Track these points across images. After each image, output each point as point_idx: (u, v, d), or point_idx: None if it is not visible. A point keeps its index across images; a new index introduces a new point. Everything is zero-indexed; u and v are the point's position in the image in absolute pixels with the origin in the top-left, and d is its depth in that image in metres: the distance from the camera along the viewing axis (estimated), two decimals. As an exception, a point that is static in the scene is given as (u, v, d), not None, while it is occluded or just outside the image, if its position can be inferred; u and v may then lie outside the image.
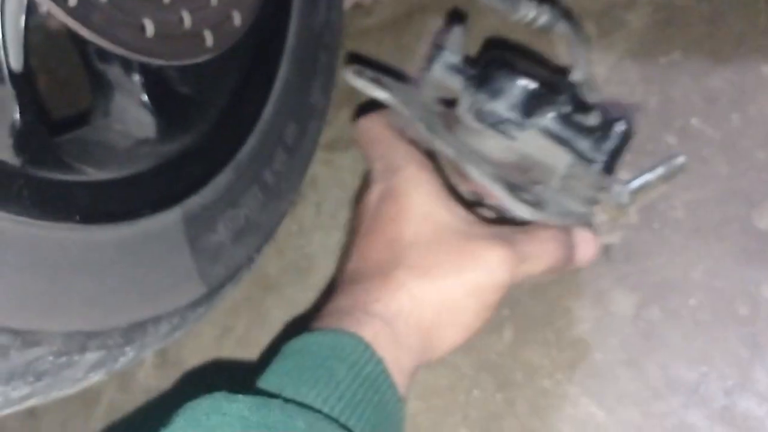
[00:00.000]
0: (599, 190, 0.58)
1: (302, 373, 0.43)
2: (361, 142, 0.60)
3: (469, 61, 0.60)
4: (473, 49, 0.75)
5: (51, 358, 0.42)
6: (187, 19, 0.48)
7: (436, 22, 0.86)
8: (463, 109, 0.58)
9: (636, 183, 0.66)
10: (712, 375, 0.58)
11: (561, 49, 0.74)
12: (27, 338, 0.40)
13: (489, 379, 0.62)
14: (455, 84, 0.60)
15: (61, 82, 0.81)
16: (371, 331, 0.46)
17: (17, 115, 0.43)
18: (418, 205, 0.52)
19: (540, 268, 0.52)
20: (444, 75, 0.60)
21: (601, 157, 0.57)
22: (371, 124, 0.60)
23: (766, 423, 0.55)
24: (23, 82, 0.44)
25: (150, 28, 0.45)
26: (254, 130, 0.61)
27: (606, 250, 0.65)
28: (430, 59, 0.60)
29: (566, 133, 0.56)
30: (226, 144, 0.59)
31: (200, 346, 0.70)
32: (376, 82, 0.57)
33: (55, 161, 0.46)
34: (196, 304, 0.54)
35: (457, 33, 0.60)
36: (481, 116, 0.57)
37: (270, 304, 0.71)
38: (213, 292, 0.56)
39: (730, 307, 0.60)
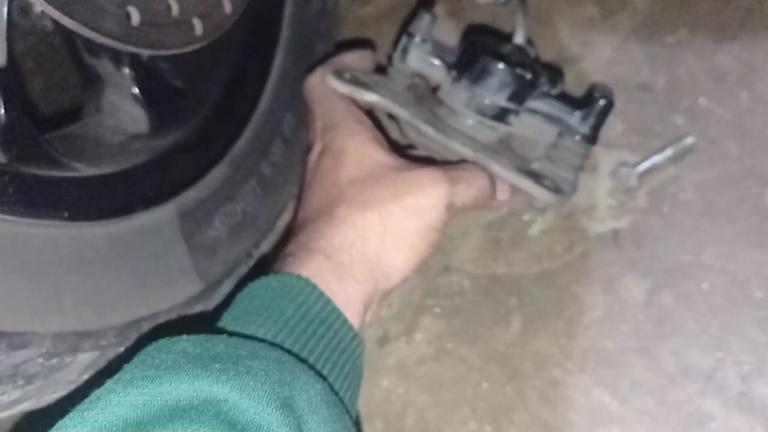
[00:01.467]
0: (584, 158, 0.61)
1: (251, 315, 0.45)
2: (307, 102, 0.61)
3: (442, 47, 0.63)
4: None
5: (41, 360, 0.40)
6: (175, 7, 0.46)
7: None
8: (460, 105, 0.60)
9: (644, 165, 0.65)
10: (728, 361, 0.56)
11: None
12: (14, 340, 0.38)
13: (497, 370, 0.60)
14: (433, 72, 0.63)
15: (57, 84, 0.80)
16: (314, 267, 0.48)
17: (1, 111, 0.42)
18: (353, 151, 0.54)
19: (471, 193, 0.54)
20: (421, 63, 0.63)
21: (584, 129, 0.60)
22: (315, 82, 0.60)
23: (786, 408, 0.54)
24: (8, 78, 0.43)
25: (136, 16, 0.43)
26: (250, 122, 0.60)
27: (615, 236, 0.63)
28: (404, 48, 0.63)
29: (555, 111, 0.60)
30: (221, 137, 0.58)
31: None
32: (358, 84, 0.59)
33: (43, 157, 0.45)
34: (193, 302, 0.53)
35: (426, 20, 0.62)
36: (483, 110, 0.59)
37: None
38: (210, 288, 0.54)
39: (745, 290, 0.58)
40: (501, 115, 0.60)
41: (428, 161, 0.59)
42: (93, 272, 0.44)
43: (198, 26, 0.48)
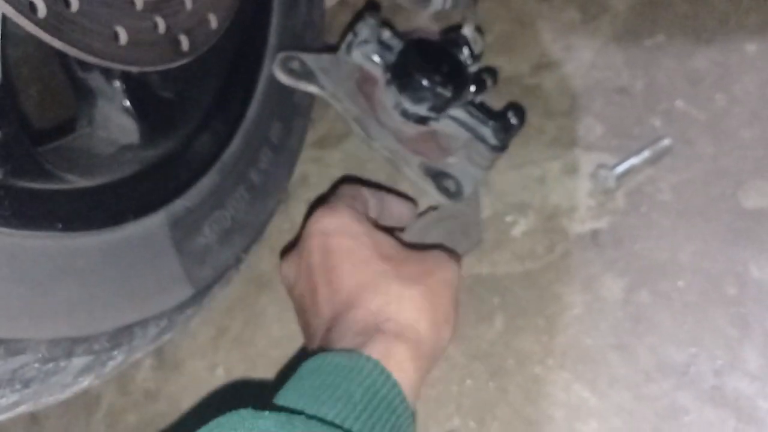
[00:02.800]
0: (492, 161, 0.67)
1: (320, 392, 0.44)
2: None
3: (384, 45, 0.69)
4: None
5: (37, 365, 0.42)
6: (162, 25, 0.48)
7: (421, 18, 0.86)
8: (389, 104, 0.66)
9: (622, 167, 0.66)
10: (701, 356, 0.58)
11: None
12: (11, 346, 0.40)
13: (481, 368, 0.62)
14: (372, 68, 0.69)
15: (52, 92, 0.82)
16: (385, 350, 0.47)
17: (-2, 128, 0.44)
18: (367, 234, 0.55)
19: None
20: (363, 59, 0.69)
21: (493, 141, 0.65)
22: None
23: (757, 401, 0.55)
24: (3, 95, 0.44)
25: (123, 36, 0.45)
26: (239, 131, 0.62)
27: (594, 236, 0.65)
28: (348, 45, 0.69)
29: (471, 121, 0.67)
30: (210, 146, 0.60)
31: (197, 346, 0.71)
32: (302, 76, 0.64)
33: (37, 171, 0.47)
34: (183, 306, 0.55)
35: (370, 23, 0.68)
36: (406, 114, 0.66)
37: (264, 302, 0.72)
38: (201, 293, 0.56)
39: (719, 287, 0.60)
40: (422, 120, 0.66)
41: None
42: (86, 280, 0.46)
43: (184, 42, 0.50)
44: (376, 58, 0.69)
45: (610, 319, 0.61)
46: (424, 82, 0.64)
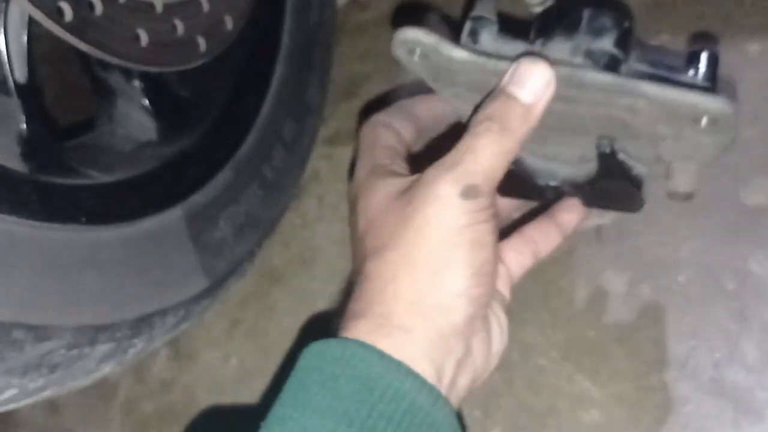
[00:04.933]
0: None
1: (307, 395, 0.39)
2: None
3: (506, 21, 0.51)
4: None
5: (63, 350, 0.44)
6: (180, 27, 0.50)
7: (433, 15, 0.88)
8: (563, 56, 0.47)
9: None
10: (701, 349, 0.59)
11: None
12: (40, 333, 0.43)
13: (487, 359, 0.64)
14: (511, 49, 0.49)
15: (70, 89, 0.84)
16: (352, 332, 0.40)
17: (24, 125, 0.46)
18: (363, 197, 0.47)
19: (485, 161, 0.42)
20: (494, 44, 0.50)
21: (702, 83, 0.47)
22: (366, 130, 0.53)
23: (755, 392, 0.57)
24: (29, 93, 0.47)
25: (144, 38, 0.47)
26: (253, 129, 0.64)
27: (598, 231, 0.67)
28: (471, 31, 0.51)
29: (661, 71, 0.48)
30: (225, 143, 0.62)
31: (211, 338, 0.73)
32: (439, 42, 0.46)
33: (61, 167, 0.49)
34: (200, 298, 0.57)
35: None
36: (593, 56, 0.47)
37: (277, 295, 0.74)
38: (216, 285, 0.58)
39: (719, 282, 0.61)
40: (613, 65, 0.47)
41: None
42: (108, 271, 0.48)
43: (202, 44, 0.52)
44: (508, 37, 0.49)
45: (613, 312, 0.63)
46: (600, 9, 0.47)
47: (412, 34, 0.46)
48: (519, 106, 0.43)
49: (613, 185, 0.53)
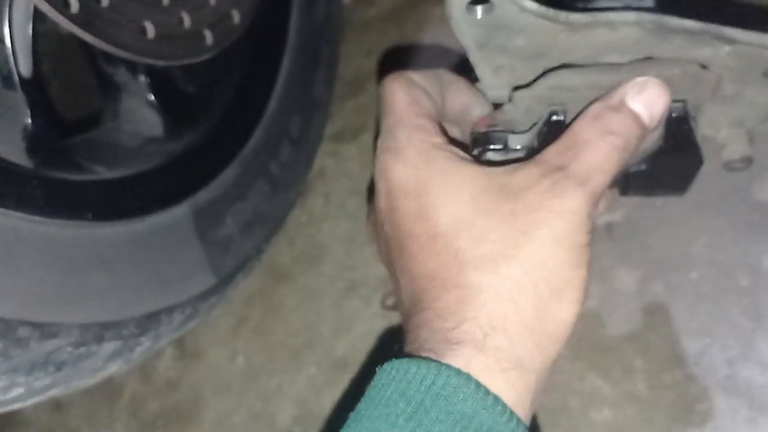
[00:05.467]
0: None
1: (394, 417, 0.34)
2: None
3: None
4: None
5: (69, 348, 0.44)
6: (187, 20, 0.49)
7: (438, 10, 0.87)
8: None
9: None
10: (714, 346, 0.59)
11: None
12: (45, 330, 0.42)
13: (497, 357, 0.63)
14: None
15: (75, 86, 0.84)
16: (463, 364, 0.35)
17: (29, 120, 0.45)
18: (438, 185, 0.39)
19: (608, 175, 0.38)
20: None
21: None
22: (391, 83, 0.43)
23: (769, 390, 0.56)
24: (34, 88, 0.46)
25: (151, 30, 0.47)
26: (259, 125, 0.63)
27: (609, 228, 0.66)
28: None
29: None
30: (232, 139, 0.61)
31: (217, 336, 0.72)
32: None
33: (67, 162, 0.48)
34: (207, 295, 0.56)
35: None
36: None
37: (283, 292, 0.73)
38: (223, 282, 0.58)
39: (732, 279, 0.61)
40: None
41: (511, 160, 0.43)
42: (115, 268, 0.48)
43: (209, 37, 0.51)
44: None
45: (625, 309, 0.62)
46: None
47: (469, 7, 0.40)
48: (641, 128, 0.40)
49: (675, 161, 0.48)
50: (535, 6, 0.40)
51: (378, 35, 0.88)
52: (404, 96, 0.42)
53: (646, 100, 0.40)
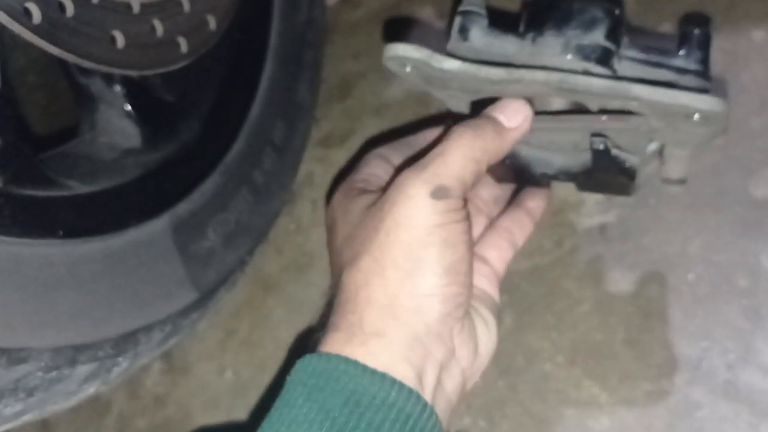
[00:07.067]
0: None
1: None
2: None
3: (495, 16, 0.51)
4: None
5: (40, 373, 0.42)
6: (159, 28, 0.48)
7: (425, 11, 0.85)
8: (552, 55, 0.48)
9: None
10: (713, 350, 0.57)
11: None
12: (13, 356, 0.40)
13: (490, 366, 0.60)
14: (502, 45, 0.50)
15: (58, 98, 0.82)
16: (328, 346, 0.41)
17: (-4, 136, 0.44)
18: (341, 214, 0.49)
19: (455, 164, 0.43)
20: (486, 39, 0.50)
21: (694, 66, 0.48)
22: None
23: (771, 394, 0.55)
24: (2, 103, 0.44)
25: (121, 40, 0.45)
26: (241, 132, 0.62)
27: (602, 230, 0.65)
28: (461, 27, 0.50)
29: (653, 55, 0.49)
30: (212, 148, 0.60)
31: (205, 350, 0.70)
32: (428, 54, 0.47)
33: (38, 178, 0.47)
34: (188, 311, 0.54)
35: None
36: (585, 52, 0.47)
37: (272, 303, 0.71)
38: (205, 297, 0.56)
39: (730, 279, 0.59)
40: (605, 58, 0.47)
41: None
42: (88, 287, 0.46)
43: (183, 44, 0.50)
44: (498, 31, 0.50)
45: (620, 313, 0.61)
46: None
47: (401, 50, 0.46)
48: (495, 122, 0.46)
49: (606, 176, 0.54)
50: (455, 65, 0.46)
51: (365, 38, 0.86)
52: (356, 169, 0.53)
53: (501, 105, 0.47)
